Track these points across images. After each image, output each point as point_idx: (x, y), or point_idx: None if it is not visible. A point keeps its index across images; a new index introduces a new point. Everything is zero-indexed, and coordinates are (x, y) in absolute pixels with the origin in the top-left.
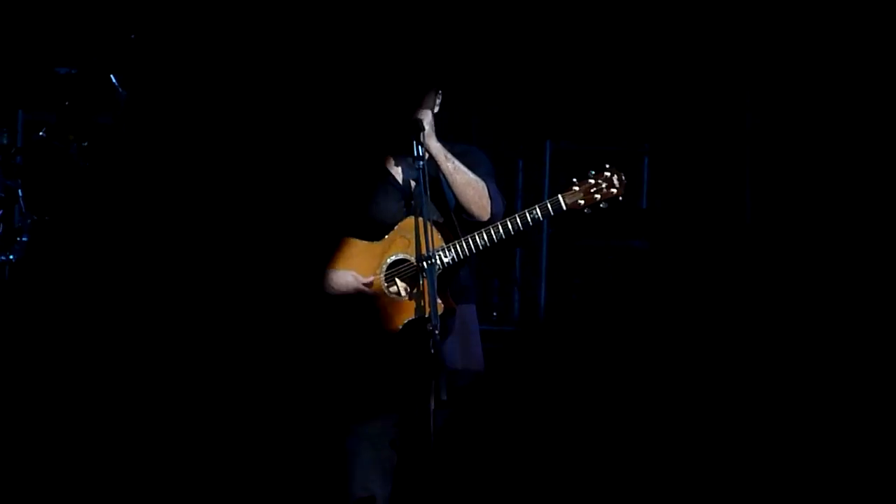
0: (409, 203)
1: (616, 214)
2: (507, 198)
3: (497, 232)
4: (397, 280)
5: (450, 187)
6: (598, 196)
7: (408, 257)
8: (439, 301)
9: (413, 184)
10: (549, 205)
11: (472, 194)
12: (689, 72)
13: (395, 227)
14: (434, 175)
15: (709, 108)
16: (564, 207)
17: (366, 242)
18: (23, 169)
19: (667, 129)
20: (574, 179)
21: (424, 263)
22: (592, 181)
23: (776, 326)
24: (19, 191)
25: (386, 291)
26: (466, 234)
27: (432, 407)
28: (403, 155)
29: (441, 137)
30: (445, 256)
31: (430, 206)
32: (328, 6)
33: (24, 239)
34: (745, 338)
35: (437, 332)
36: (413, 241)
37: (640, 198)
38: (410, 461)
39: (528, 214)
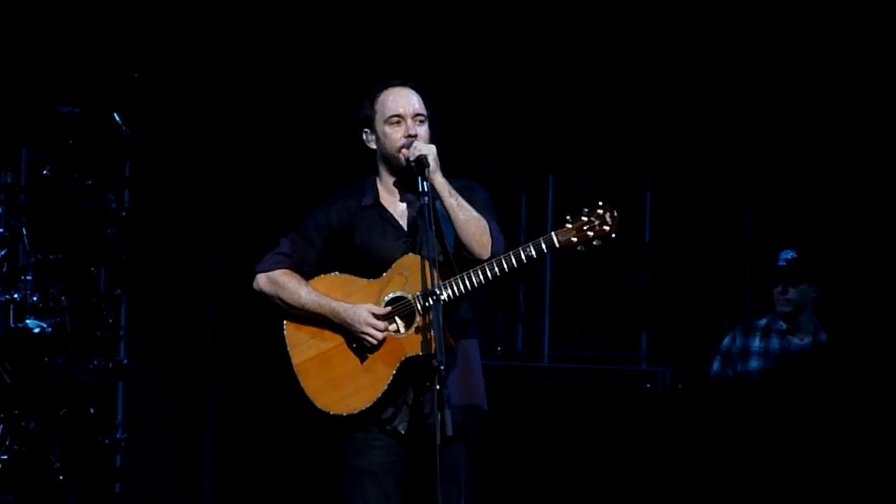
0: (406, 240)
1: (619, 249)
2: (511, 232)
3: (492, 269)
4: (396, 318)
5: (451, 224)
6: (590, 233)
7: (405, 295)
8: (432, 337)
9: (411, 220)
10: (542, 242)
11: (474, 232)
12: (690, 107)
13: (393, 265)
14: (433, 211)
15: (710, 141)
16: (557, 245)
17: (364, 280)
18: (27, 207)
19: (669, 163)
20: (567, 217)
21: (430, 300)
22: (585, 218)
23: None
24: (23, 229)
25: (386, 328)
26: (462, 272)
27: (438, 443)
28: (403, 189)
29: (443, 171)
30: (442, 294)
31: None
32: (329, 45)
33: (28, 278)
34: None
35: (442, 367)
36: (410, 278)
37: (643, 232)
38: (417, 497)
39: (521, 252)
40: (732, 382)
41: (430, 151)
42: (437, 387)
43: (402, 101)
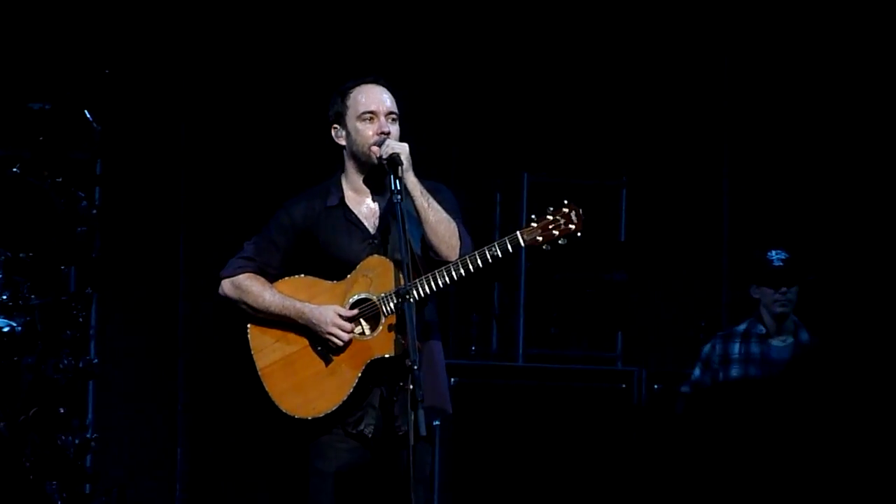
0: (371, 241)
1: (594, 248)
2: (485, 230)
3: (458, 270)
4: (361, 320)
5: (419, 225)
6: (556, 232)
7: (370, 296)
8: (401, 339)
9: (377, 221)
10: (507, 242)
11: (444, 234)
12: (667, 105)
13: (358, 267)
14: (401, 211)
15: (687, 140)
16: (523, 244)
17: (329, 282)
18: None
19: (645, 161)
20: (532, 216)
21: (403, 299)
22: (550, 217)
23: None
24: None
25: (352, 329)
26: (428, 273)
27: (412, 443)
28: (370, 188)
29: (417, 170)
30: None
31: (396, 244)
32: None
33: None
34: None
35: (416, 367)
36: (375, 280)
37: (618, 231)
38: (382, 500)
39: (487, 252)
40: (720, 389)
41: (403, 150)
42: (411, 387)
43: (375, 98)
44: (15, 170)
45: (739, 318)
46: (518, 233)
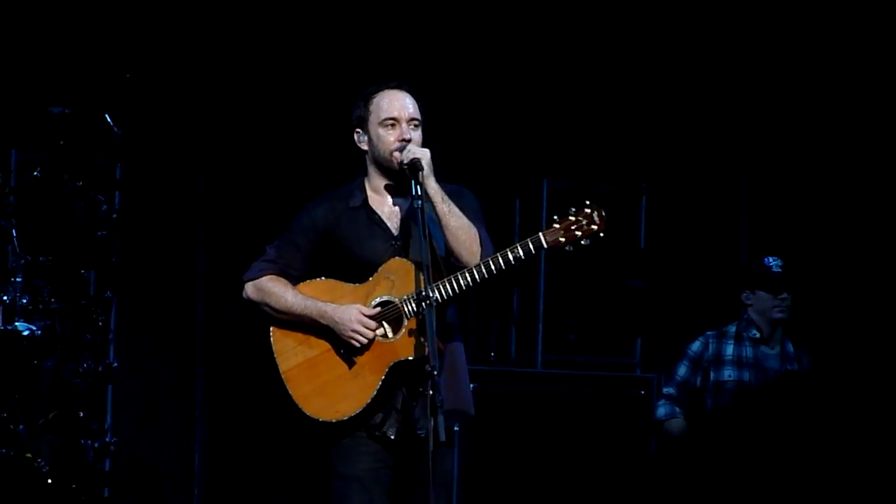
0: (394, 243)
1: (613, 254)
2: (505, 236)
3: (480, 271)
4: (383, 322)
5: (442, 230)
6: (578, 233)
7: (392, 299)
8: (424, 342)
9: (399, 224)
10: (529, 243)
11: (465, 239)
12: (686, 111)
13: (379, 269)
14: (422, 215)
15: (706, 146)
16: (545, 245)
17: (351, 285)
18: (17, 209)
19: (664, 168)
20: (555, 217)
21: (424, 304)
22: (573, 218)
23: None
24: (13, 231)
25: (376, 328)
26: (451, 275)
27: (431, 448)
28: (392, 192)
29: (436, 175)
30: (434, 296)
31: (418, 247)
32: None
33: (18, 280)
34: None
35: (436, 372)
36: (397, 282)
37: (638, 237)
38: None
39: (509, 253)
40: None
41: (425, 156)
42: (431, 392)
43: (398, 105)
44: (35, 174)
45: None
46: (540, 233)
